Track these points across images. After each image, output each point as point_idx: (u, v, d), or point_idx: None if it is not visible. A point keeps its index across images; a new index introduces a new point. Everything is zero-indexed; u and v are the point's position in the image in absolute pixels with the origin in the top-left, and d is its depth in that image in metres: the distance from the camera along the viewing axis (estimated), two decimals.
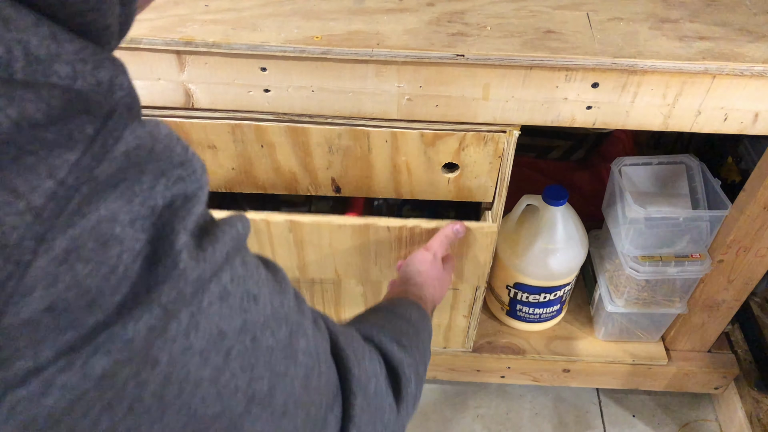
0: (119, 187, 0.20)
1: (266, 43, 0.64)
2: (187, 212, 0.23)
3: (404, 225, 0.77)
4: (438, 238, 0.75)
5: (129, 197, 0.20)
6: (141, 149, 0.21)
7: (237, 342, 0.25)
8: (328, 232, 0.79)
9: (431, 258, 0.72)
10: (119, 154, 0.20)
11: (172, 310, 0.22)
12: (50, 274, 0.18)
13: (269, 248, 0.83)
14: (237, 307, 0.25)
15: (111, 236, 0.20)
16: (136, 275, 0.21)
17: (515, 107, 0.68)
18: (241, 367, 0.25)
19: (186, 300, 0.22)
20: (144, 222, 0.21)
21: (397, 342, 0.46)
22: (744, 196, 0.83)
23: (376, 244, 0.81)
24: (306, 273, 0.86)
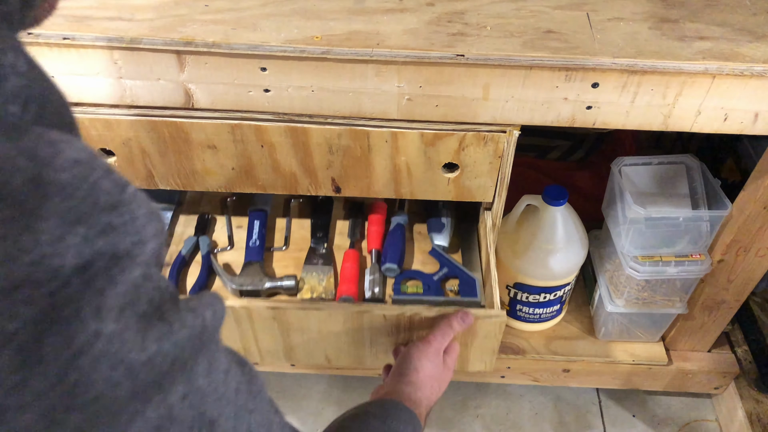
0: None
1: (266, 43, 0.64)
2: (108, 282, 0.15)
3: (402, 313, 0.72)
4: (442, 329, 0.69)
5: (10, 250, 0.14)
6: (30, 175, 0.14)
7: None
8: (316, 320, 0.74)
9: (432, 353, 0.67)
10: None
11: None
12: None
13: (251, 333, 0.77)
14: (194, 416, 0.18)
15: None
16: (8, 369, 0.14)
17: (515, 107, 0.68)
18: None
19: None
20: (32, 292, 0.14)
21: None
22: (744, 196, 0.83)
23: (371, 331, 0.76)
24: (293, 358, 0.80)
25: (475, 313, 0.72)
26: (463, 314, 0.71)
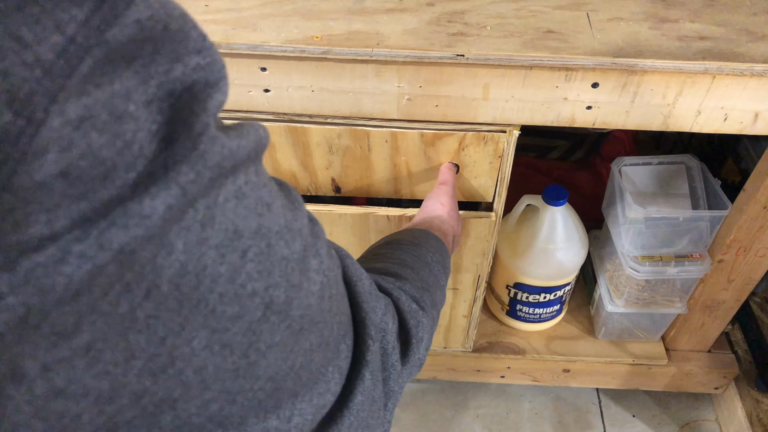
0: (133, 65, 0.19)
1: (266, 43, 0.64)
2: (207, 97, 0.21)
3: (404, 214, 0.79)
4: (446, 173, 0.74)
5: (144, 78, 0.19)
6: (155, 22, 0.20)
7: (253, 244, 0.24)
8: (328, 222, 0.81)
9: (450, 192, 0.72)
10: (131, 21, 0.19)
11: (190, 194, 0.20)
12: (64, 138, 0.17)
13: None
14: (252, 210, 0.24)
15: (125, 112, 0.18)
16: (152, 154, 0.19)
17: (515, 107, 0.68)
18: (257, 271, 0.25)
19: (203, 188, 0.21)
20: (161, 104, 0.20)
21: (416, 301, 0.43)
22: (744, 196, 0.83)
23: (377, 234, 0.82)
24: None
25: (467, 214, 0.81)
26: (450, 163, 0.76)
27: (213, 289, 0.23)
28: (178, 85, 0.20)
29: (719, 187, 0.88)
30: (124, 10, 0.19)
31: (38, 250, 0.17)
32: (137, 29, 0.19)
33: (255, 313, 0.25)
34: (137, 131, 0.19)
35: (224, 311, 0.23)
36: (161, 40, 0.20)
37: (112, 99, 0.18)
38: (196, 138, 0.20)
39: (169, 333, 0.22)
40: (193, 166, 0.20)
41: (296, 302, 0.27)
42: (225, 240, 0.23)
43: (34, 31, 0.16)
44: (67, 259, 0.18)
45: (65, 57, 0.17)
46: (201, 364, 0.23)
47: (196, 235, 0.21)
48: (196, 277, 0.22)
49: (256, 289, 0.25)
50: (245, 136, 0.24)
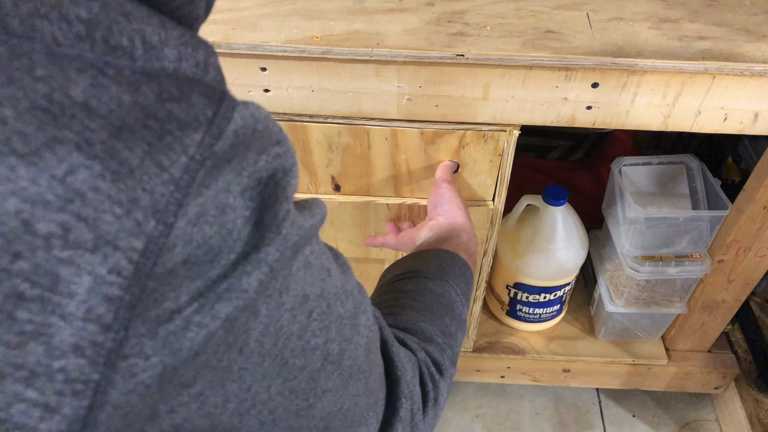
0: (231, 163, 0.23)
1: (266, 43, 0.64)
2: (286, 184, 0.26)
3: (403, 202, 0.81)
4: (444, 171, 0.72)
5: (239, 171, 0.24)
6: (247, 128, 0.24)
7: (317, 306, 0.29)
8: (329, 211, 0.81)
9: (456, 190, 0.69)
10: (231, 133, 0.23)
11: (276, 269, 0.25)
12: (187, 234, 0.22)
13: None
14: (317, 276, 0.29)
15: (227, 204, 0.23)
16: (247, 237, 0.24)
17: (515, 107, 0.68)
18: (319, 328, 0.30)
19: (285, 263, 0.26)
20: (252, 192, 0.24)
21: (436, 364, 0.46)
22: (744, 196, 0.83)
23: (376, 222, 0.83)
24: None
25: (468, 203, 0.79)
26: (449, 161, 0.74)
27: (287, 344, 0.28)
28: (264, 174, 0.25)
29: (719, 187, 0.88)
30: (226, 125, 0.23)
31: (170, 321, 0.22)
32: (235, 138, 0.24)
33: (315, 364, 0.30)
34: (236, 219, 0.24)
35: (294, 363, 0.29)
36: (251, 141, 0.24)
37: (217, 195, 0.23)
38: (280, 223, 0.25)
39: (254, 381, 0.27)
40: (278, 248, 0.25)
41: (347, 354, 0.33)
42: (296, 303, 0.28)
43: (169, 157, 0.21)
44: (190, 327, 0.23)
45: (188, 172, 0.22)
46: (274, 406, 0.29)
47: (275, 301, 0.26)
48: (275, 335, 0.27)
49: (318, 343, 0.30)
50: (315, 216, 0.29)
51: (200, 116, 0.22)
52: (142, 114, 0.21)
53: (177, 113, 0.22)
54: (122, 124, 0.20)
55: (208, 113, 0.23)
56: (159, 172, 0.21)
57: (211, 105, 0.23)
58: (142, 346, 0.21)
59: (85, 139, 0.19)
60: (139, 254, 0.20)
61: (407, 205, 0.81)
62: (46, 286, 0.19)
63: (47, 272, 0.19)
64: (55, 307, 0.19)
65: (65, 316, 0.19)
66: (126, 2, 0.22)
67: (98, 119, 0.20)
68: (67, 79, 0.19)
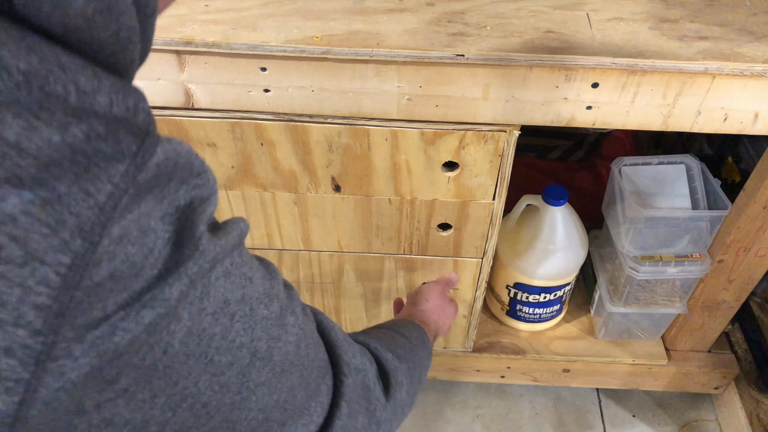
0: (153, 191, 0.27)
1: (266, 43, 0.64)
2: (203, 210, 0.29)
3: (403, 198, 0.81)
4: (444, 278, 0.83)
5: (160, 199, 0.27)
6: (168, 161, 0.27)
7: (238, 309, 0.33)
8: (331, 205, 0.82)
9: (439, 290, 0.78)
10: (153, 165, 0.26)
11: (195, 280, 0.29)
12: (111, 252, 0.25)
13: (275, 220, 0.85)
14: (237, 284, 0.33)
15: (148, 227, 0.26)
16: (168, 255, 0.27)
17: (515, 107, 0.68)
18: (243, 329, 0.33)
19: (203, 273, 0.30)
20: (171, 217, 0.28)
21: (392, 352, 0.52)
22: (744, 196, 0.83)
23: (378, 216, 0.84)
24: (310, 244, 0.89)
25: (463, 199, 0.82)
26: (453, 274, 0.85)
27: (210, 344, 0.31)
28: (182, 202, 0.28)
29: (719, 187, 0.88)
30: (149, 158, 0.26)
31: (97, 327, 0.25)
32: (157, 170, 0.27)
33: (243, 361, 0.34)
34: (157, 240, 0.27)
35: (220, 360, 0.32)
36: (173, 173, 0.28)
37: (139, 219, 0.26)
38: (197, 242, 0.29)
39: (180, 378, 0.30)
40: (196, 261, 0.29)
41: (276, 350, 0.36)
42: (217, 308, 0.31)
43: (95, 185, 0.24)
44: (115, 332, 0.26)
45: (113, 198, 0.25)
46: (206, 400, 0.32)
47: (197, 307, 0.30)
48: (198, 336, 0.30)
49: (243, 342, 0.33)
50: (231, 233, 0.32)
51: (125, 150, 0.25)
52: (70, 151, 0.24)
53: (103, 149, 0.25)
54: (51, 161, 0.23)
55: (132, 148, 0.26)
56: (85, 197, 0.24)
57: (136, 140, 0.26)
58: (71, 349, 0.24)
59: (15, 174, 0.22)
60: (66, 268, 0.23)
61: (408, 200, 0.81)
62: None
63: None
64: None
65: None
66: (62, 54, 0.24)
67: (28, 157, 0.22)
68: (3, 122, 0.22)
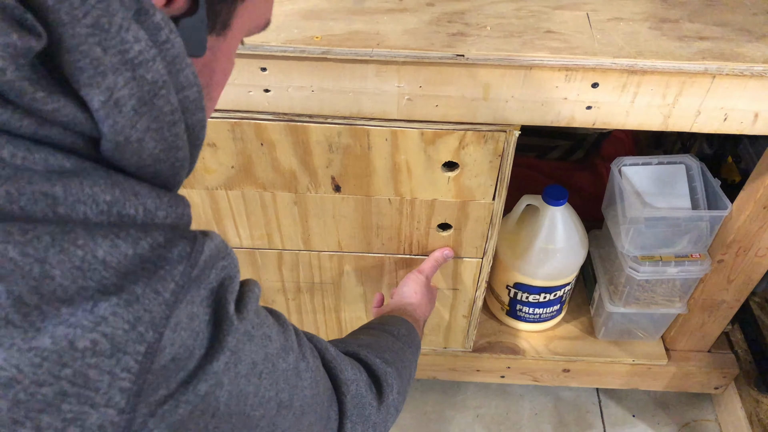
0: (196, 282, 0.32)
1: (266, 43, 0.64)
2: (232, 288, 0.35)
3: (403, 198, 0.81)
4: (429, 261, 0.86)
5: (199, 286, 0.32)
6: (213, 256, 0.33)
7: (264, 368, 0.38)
8: (331, 205, 0.82)
9: (424, 280, 0.84)
10: (202, 262, 0.32)
11: (236, 352, 0.34)
12: (171, 338, 0.30)
13: (275, 220, 0.85)
14: (260, 345, 0.38)
15: (194, 314, 0.32)
16: (210, 335, 0.33)
17: (515, 107, 0.68)
18: (269, 384, 0.39)
19: (239, 347, 0.35)
20: (208, 300, 0.33)
21: (380, 357, 0.57)
22: (744, 196, 0.83)
23: (378, 216, 0.84)
24: (310, 244, 0.89)
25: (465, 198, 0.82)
26: (447, 249, 0.87)
27: (246, 402, 0.36)
28: (215, 284, 0.34)
29: (719, 187, 0.88)
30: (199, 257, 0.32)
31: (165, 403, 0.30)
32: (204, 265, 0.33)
33: (272, 412, 0.39)
34: (200, 323, 0.32)
35: (254, 414, 0.37)
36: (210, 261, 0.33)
37: (187, 307, 0.31)
38: (231, 318, 0.34)
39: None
40: (234, 336, 0.34)
41: (296, 397, 0.42)
42: (248, 370, 0.36)
43: (162, 285, 0.30)
44: (179, 406, 0.31)
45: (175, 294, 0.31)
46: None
47: (233, 372, 0.35)
48: (237, 397, 0.35)
49: (270, 395, 0.39)
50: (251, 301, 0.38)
51: (182, 253, 0.31)
52: (140, 261, 0.29)
53: (165, 255, 0.30)
54: (127, 270, 0.29)
55: (187, 249, 0.31)
56: (155, 296, 0.29)
57: (189, 244, 0.32)
58: (146, 422, 0.30)
59: (103, 284, 0.28)
60: (142, 356, 0.28)
61: (408, 200, 0.81)
62: (81, 384, 0.27)
63: (82, 374, 0.27)
64: (86, 399, 0.27)
65: (94, 405, 0.27)
66: (136, 184, 0.31)
67: (110, 269, 0.28)
68: (95, 242, 0.28)
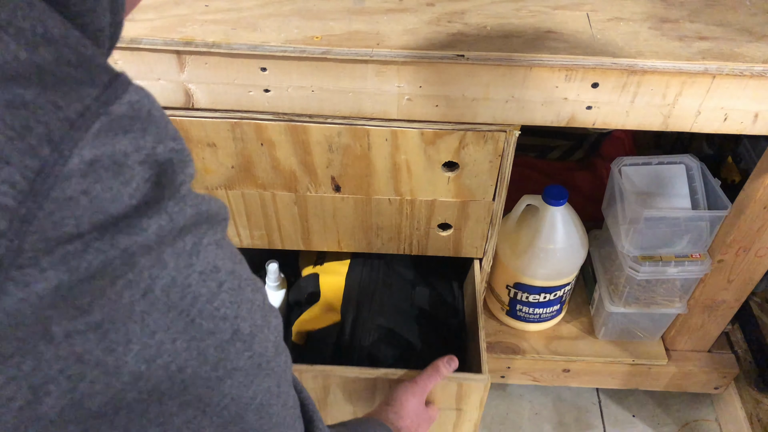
0: (128, 135, 0.26)
1: (266, 43, 0.64)
2: (182, 172, 0.28)
3: (403, 198, 0.81)
4: (428, 372, 0.78)
5: (137, 147, 0.26)
6: (142, 105, 0.27)
7: (228, 280, 0.31)
8: (331, 205, 0.82)
9: (418, 391, 0.76)
10: (126, 102, 0.26)
11: (176, 223, 0.28)
12: (83, 171, 0.24)
13: (275, 220, 0.85)
14: (228, 257, 0.31)
15: (126, 165, 0.26)
16: (147, 190, 0.27)
17: (515, 107, 0.68)
18: (230, 301, 0.31)
19: (188, 224, 0.28)
20: (150, 165, 0.27)
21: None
22: (744, 196, 0.83)
23: (378, 216, 0.84)
24: (310, 244, 0.90)
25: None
26: (449, 359, 0.79)
27: (194, 303, 0.29)
28: (162, 158, 0.27)
29: (719, 187, 0.88)
30: (122, 93, 0.26)
31: (69, 242, 0.24)
32: (130, 109, 0.26)
33: (224, 335, 0.31)
34: (135, 176, 0.26)
35: (201, 324, 0.30)
36: (147, 122, 0.27)
37: (115, 154, 0.25)
38: (178, 186, 0.28)
39: (158, 328, 0.28)
40: (177, 203, 0.28)
41: (258, 339, 0.34)
42: (206, 270, 0.30)
43: (65, 100, 0.24)
44: (88, 251, 0.25)
45: (84, 119, 0.24)
46: (182, 363, 0.30)
47: (185, 260, 0.28)
48: (182, 290, 0.29)
49: (227, 314, 0.31)
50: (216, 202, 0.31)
51: (96, 80, 0.25)
52: (37, 69, 0.24)
53: (73, 74, 0.25)
54: (16, 74, 0.24)
55: (104, 78, 0.26)
56: (54, 109, 0.24)
57: (108, 75, 0.26)
58: (39, 259, 0.24)
59: None
60: (34, 173, 0.23)
61: (408, 200, 0.81)
62: None
63: None
64: None
65: None
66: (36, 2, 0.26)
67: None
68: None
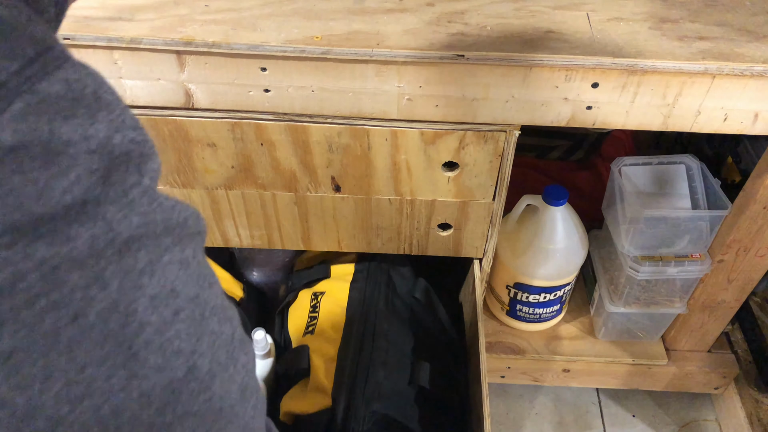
0: (71, 120, 0.22)
1: (266, 43, 0.64)
2: (143, 162, 0.24)
3: (403, 198, 0.81)
4: None
5: (85, 136, 0.22)
6: (84, 84, 0.23)
7: (187, 307, 0.26)
8: (331, 205, 0.82)
9: None
10: (61, 80, 0.22)
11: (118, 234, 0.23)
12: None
13: (275, 220, 0.85)
14: (194, 280, 0.26)
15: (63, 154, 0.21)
16: (90, 185, 0.22)
17: (515, 107, 0.68)
18: (186, 333, 0.26)
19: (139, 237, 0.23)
20: (101, 157, 0.22)
21: None
22: (744, 196, 0.83)
23: (378, 216, 0.84)
24: (310, 244, 0.90)
25: (464, 199, 0.81)
26: None
27: (139, 333, 0.24)
28: (117, 150, 0.23)
29: (719, 187, 0.88)
30: (54, 69, 0.22)
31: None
32: (67, 88, 0.22)
33: (177, 372, 0.25)
34: (75, 166, 0.21)
35: (147, 359, 0.24)
36: (95, 106, 0.23)
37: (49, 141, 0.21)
38: (128, 188, 0.23)
39: (89, 363, 0.22)
40: (121, 208, 0.23)
41: (218, 380, 0.28)
42: (161, 294, 0.24)
43: None
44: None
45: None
46: (118, 405, 0.24)
47: (132, 281, 0.23)
48: (125, 317, 0.23)
49: (182, 348, 0.26)
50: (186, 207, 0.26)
51: (18, 51, 0.21)
52: None
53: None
54: None
55: (29, 51, 0.21)
56: None
57: (36, 47, 0.22)
58: None
59: None
60: None
61: (408, 200, 0.81)
62: None
63: None
64: None
65: None
66: None
67: None
68: None
